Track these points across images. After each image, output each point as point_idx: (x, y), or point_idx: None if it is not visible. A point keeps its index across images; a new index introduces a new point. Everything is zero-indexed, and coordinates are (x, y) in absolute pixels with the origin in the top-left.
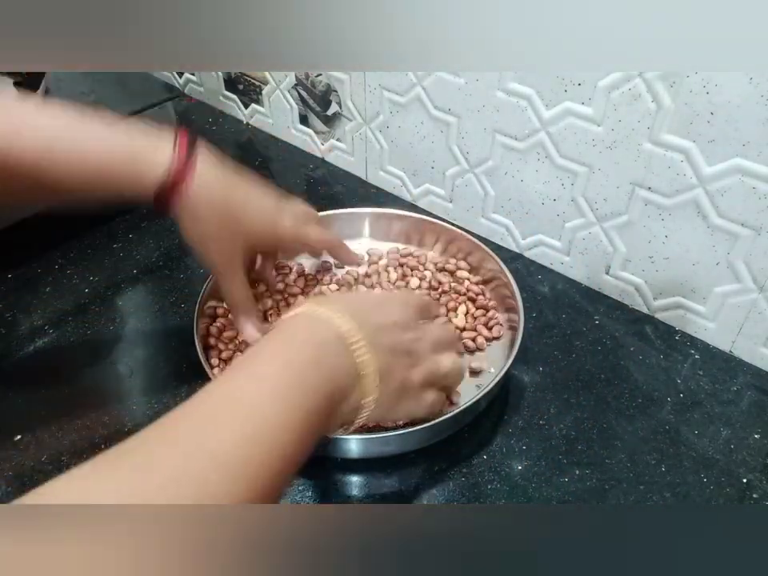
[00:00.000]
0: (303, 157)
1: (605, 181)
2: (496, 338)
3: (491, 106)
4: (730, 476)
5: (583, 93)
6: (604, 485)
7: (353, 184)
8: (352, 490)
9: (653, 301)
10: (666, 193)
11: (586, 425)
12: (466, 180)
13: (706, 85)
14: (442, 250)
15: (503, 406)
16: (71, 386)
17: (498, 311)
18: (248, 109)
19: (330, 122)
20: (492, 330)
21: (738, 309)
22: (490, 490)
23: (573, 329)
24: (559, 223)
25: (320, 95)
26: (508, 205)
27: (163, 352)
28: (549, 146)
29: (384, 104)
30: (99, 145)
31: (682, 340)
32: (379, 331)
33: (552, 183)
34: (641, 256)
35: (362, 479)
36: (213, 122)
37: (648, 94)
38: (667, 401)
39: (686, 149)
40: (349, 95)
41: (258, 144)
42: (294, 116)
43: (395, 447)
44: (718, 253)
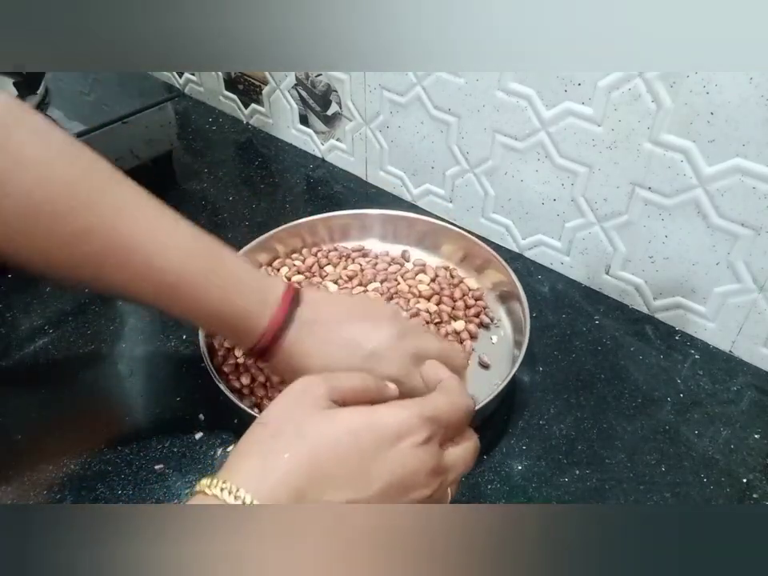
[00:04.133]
0: (303, 157)
1: (605, 181)
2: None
3: (491, 106)
4: (730, 476)
5: (583, 93)
6: (604, 485)
7: (353, 184)
8: None
9: (653, 301)
10: (665, 193)
11: (586, 425)
12: (465, 180)
13: (706, 85)
14: (450, 254)
15: (503, 406)
16: (71, 386)
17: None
18: (248, 109)
19: (330, 122)
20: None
21: (738, 309)
22: (490, 490)
23: (573, 329)
24: (559, 223)
25: (320, 95)
26: (508, 205)
27: (163, 352)
28: (549, 146)
29: (384, 104)
30: (218, 292)
31: (681, 340)
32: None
33: (552, 183)
34: (641, 256)
35: None
36: (213, 121)
37: (648, 93)
38: (667, 401)
39: (686, 149)
40: (349, 95)
41: (258, 144)
42: (294, 116)
43: None
44: (717, 253)
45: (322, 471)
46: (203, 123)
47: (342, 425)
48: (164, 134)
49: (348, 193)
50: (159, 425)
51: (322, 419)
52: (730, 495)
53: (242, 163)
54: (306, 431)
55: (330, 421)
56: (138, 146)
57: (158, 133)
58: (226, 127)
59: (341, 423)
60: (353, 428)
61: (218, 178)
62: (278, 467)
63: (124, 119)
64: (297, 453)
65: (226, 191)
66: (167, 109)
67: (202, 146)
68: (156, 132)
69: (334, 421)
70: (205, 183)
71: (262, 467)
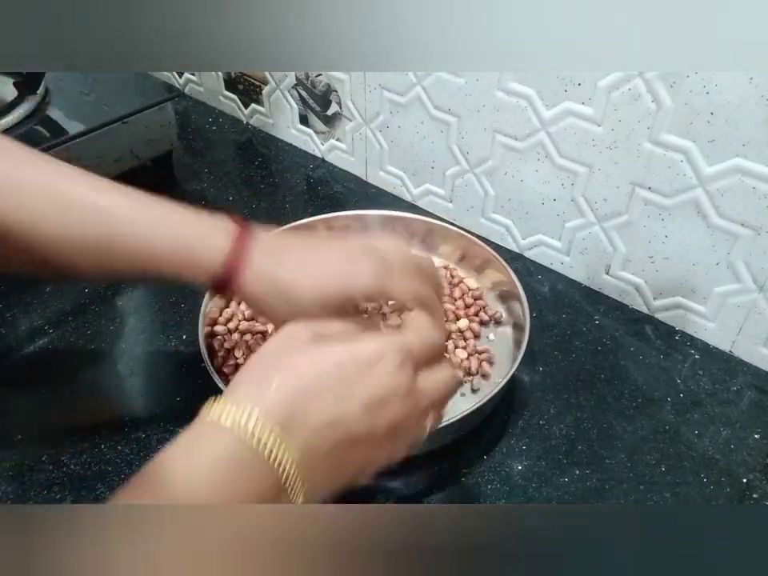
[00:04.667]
0: (303, 157)
1: (605, 181)
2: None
3: (491, 105)
4: (730, 476)
5: (583, 93)
6: (604, 485)
7: (353, 184)
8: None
9: (653, 301)
10: (666, 193)
11: (586, 425)
12: (465, 180)
13: (706, 85)
14: (450, 254)
15: (503, 406)
16: (71, 386)
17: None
18: (248, 109)
19: (329, 122)
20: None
21: (738, 309)
22: (490, 490)
23: (573, 329)
24: (559, 223)
25: (320, 95)
26: (508, 205)
27: (163, 352)
28: (549, 145)
29: (384, 104)
30: (159, 235)
31: (681, 340)
32: (319, 430)
33: (552, 183)
34: (641, 256)
35: None
36: (213, 121)
37: (648, 93)
38: (667, 401)
39: (685, 149)
40: (349, 95)
41: (258, 144)
42: (294, 116)
43: None
44: (717, 253)
45: (311, 395)
46: (203, 123)
47: (328, 358)
48: (164, 133)
49: (348, 193)
50: (159, 425)
51: (310, 351)
52: (729, 495)
53: (242, 163)
54: (297, 363)
55: (318, 353)
56: (138, 146)
57: (157, 133)
58: (226, 127)
59: (327, 357)
60: (337, 360)
61: (218, 178)
62: (271, 392)
63: (124, 119)
64: (286, 380)
65: (226, 191)
66: (167, 109)
67: (201, 146)
68: (156, 132)
69: (321, 354)
70: (205, 183)
71: (258, 391)
